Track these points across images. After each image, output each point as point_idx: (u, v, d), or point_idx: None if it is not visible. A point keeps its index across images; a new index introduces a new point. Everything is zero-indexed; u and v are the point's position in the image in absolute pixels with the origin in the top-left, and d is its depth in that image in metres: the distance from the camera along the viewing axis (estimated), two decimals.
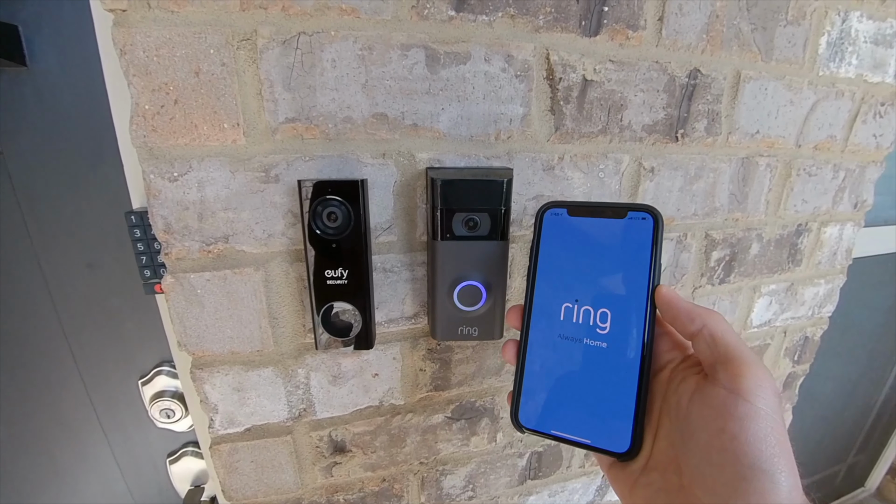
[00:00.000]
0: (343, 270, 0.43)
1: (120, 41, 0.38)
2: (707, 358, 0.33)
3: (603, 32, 0.49)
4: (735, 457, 0.27)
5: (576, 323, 0.38)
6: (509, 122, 0.48)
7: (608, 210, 0.38)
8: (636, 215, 0.37)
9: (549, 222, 0.40)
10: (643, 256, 0.36)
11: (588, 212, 0.39)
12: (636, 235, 0.37)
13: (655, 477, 0.33)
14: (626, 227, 0.37)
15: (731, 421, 0.28)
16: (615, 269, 0.37)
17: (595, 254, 0.38)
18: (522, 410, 0.40)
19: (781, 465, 0.27)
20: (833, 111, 0.68)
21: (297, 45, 0.41)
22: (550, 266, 0.40)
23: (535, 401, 0.39)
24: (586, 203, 0.39)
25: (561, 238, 0.39)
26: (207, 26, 0.39)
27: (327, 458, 0.57)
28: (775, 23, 0.58)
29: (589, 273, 0.38)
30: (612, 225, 0.38)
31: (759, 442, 0.27)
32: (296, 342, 0.50)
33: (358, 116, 0.44)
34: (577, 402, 0.38)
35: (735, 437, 0.28)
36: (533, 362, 0.40)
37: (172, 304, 0.46)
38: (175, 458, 0.88)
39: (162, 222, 0.43)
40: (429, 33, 0.43)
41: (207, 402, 0.50)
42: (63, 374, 0.79)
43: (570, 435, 0.38)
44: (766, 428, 0.28)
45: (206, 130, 0.41)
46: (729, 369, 0.30)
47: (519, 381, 0.40)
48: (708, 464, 0.29)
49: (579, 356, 0.38)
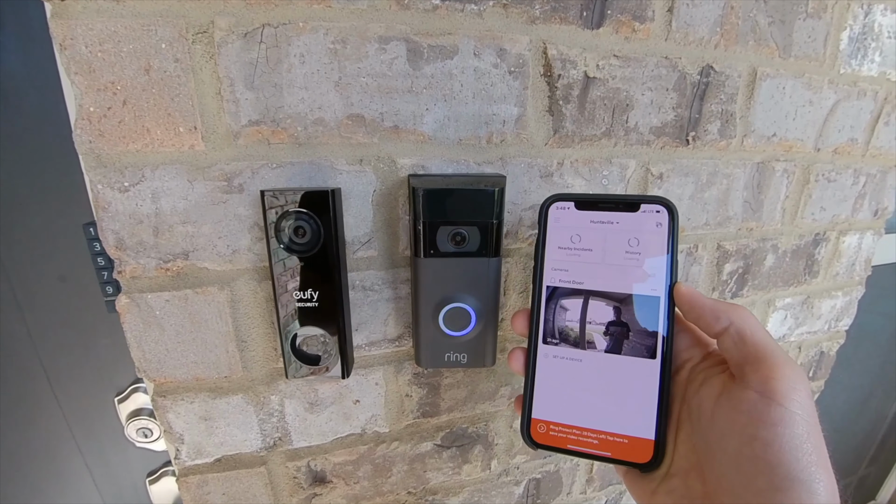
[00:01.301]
0: (313, 291, 0.38)
1: (59, 35, 0.34)
2: (735, 357, 0.30)
3: (606, 24, 0.44)
4: (769, 466, 0.25)
5: (589, 327, 0.35)
6: (502, 124, 0.44)
7: (619, 203, 0.35)
8: (649, 208, 0.34)
9: (555, 217, 0.36)
10: (659, 252, 0.34)
11: (597, 205, 0.35)
12: (650, 230, 0.34)
13: (677, 484, 0.31)
14: (639, 220, 0.34)
15: (764, 427, 0.26)
16: (629, 266, 0.34)
17: (607, 250, 0.35)
18: (533, 426, 0.36)
19: (819, 474, 0.25)
20: (854, 112, 0.63)
21: (260, 39, 0.36)
22: (558, 265, 0.36)
23: (547, 414, 0.36)
24: (595, 196, 0.37)
25: (568, 234, 0.36)
26: (158, 17, 0.34)
27: (306, 489, 0.52)
28: (794, 16, 0.53)
29: (601, 272, 0.35)
30: (623, 219, 0.35)
31: (794, 450, 0.25)
32: (267, 367, 0.46)
33: (331, 118, 0.39)
34: (594, 412, 0.35)
35: (769, 445, 0.26)
36: (543, 371, 0.36)
37: (129, 327, 0.41)
38: (155, 479, 0.84)
39: (113, 237, 0.38)
40: (410, 24, 0.38)
41: (172, 431, 0.46)
42: (36, 392, 0.75)
43: (588, 448, 0.35)
44: (802, 434, 0.26)
45: (159, 135, 0.37)
46: (760, 370, 0.28)
47: (529, 392, 0.36)
48: (737, 472, 0.27)
49: (594, 362, 0.35)
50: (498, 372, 0.54)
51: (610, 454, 0.34)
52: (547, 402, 0.36)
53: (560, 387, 0.36)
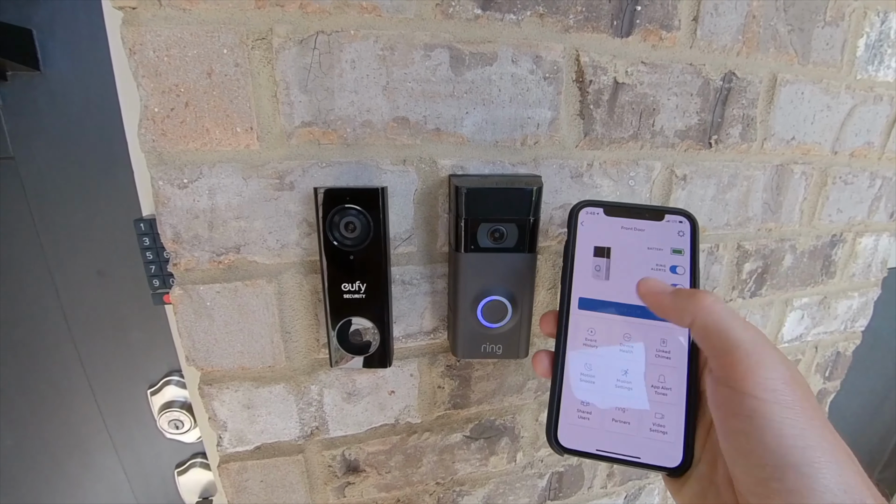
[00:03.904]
0: (361, 284, 0.40)
1: (129, 41, 0.36)
2: (706, 351, 0.29)
3: (635, 33, 0.46)
4: (758, 458, 0.25)
5: (616, 331, 0.36)
6: (536, 127, 0.46)
7: (645, 212, 0.36)
8: (673, 218, 0.36)
9: (585, 221, 0.38)
10: (684, 260, 0.35)
11: (625, 212, 0.37)
12: (674, 238, 0.36)
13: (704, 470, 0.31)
14: (664, 229, 0.36)
15: (740, 420, 0.26)
16: (655, 273, 0.36)
17: (634, 256, 0.36)
18: (561, 430, 0.36)
19: (816, 456, 0.23)
20: (871, 116, 0.64)
21: (314, 45, 0.38)
22: (587, 268, 0.37)
23: (575, 418, 0.36)
24: (622, 203, 0.38)
25: (597, 239, 0.37)
26: (221, 25, 0.37)
27: (340, 478, 0.54)
28: (813, 24, 0.55)
29: (628, 276, 0.36)
30: (649, 227, 0.36)
31: (776, 437, 0.24)
32: (309, 358, 0.48)
33: (378, 120, 0.41)
34: (622, 417, 0.35)
35: (751, 437, 0.25)
36: (571, 375, 0.36)
37: (181, 317, 0.44)
38: (183, 470, 0.86)
39: (171, 231, 0.41)
40: (453, 33, 0.41)
41: (216, 419, 0.48)
42: (72, 382, 0.78)
43: (617, 453, 0.34)
44: (781, 419, 0.24)
45: (217, 135, 0.39)
46: (725, 363, 0.27)
47: (557, 396, 0.36)
48: (737, 468, 0.26)
49: (621, 366, 0.35)
50: (526, 366, 0.55)
51: (639, 458, 0.34)
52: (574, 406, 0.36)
53: (587, 391, 0.36)
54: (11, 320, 0.72)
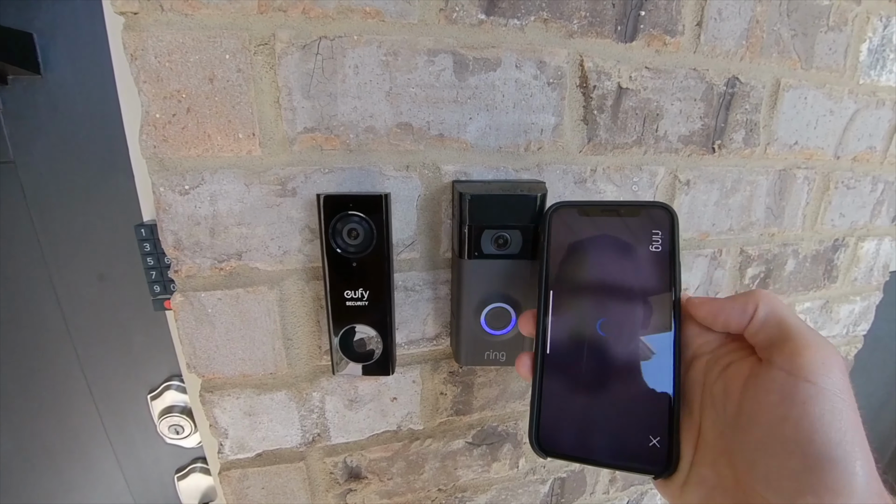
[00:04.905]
0: (364, 291, 0.40)
1: (130, 46, 0.36)
2: (762, 341, 0.29)
3: (639, 38, 0.46)
4: (800, 446, 0.24)
5: (596, 331, 0.35)
6: (540, 133, 0.45)
7: (621, 209, 0.35)
8: (649, 214, 0.34)
9: (559, 222, 0.36)
10: (663, 256, 0.34)
11: (600, 211, 0.36)
12: (653, 234, 0.34)
13: (707, 473, 0.30)
14: (641, 225, 0.35)
15: (793, 406, 0.25)
16: (634, 270, 0.34)
17: (611, 256, 0.35)
18: (543, 432, 0.35)
19: (856, 452, 0.23)
20: (873, 121, 0.64)
21: (317, 51, 0.38)
22: (563, 269, 0.36)
23: (557, 420, 0.35)
24: (597, 202, 0.37)
25: (572, 239, 0.36)
26: (223, 30, 0.36)
27: (342, 484, 0.54)
28: (816, 29, 0.55)
29: (606, 276, 0.35)
30: (626, 224, 0.35)
31: (826, 427, 0.24)
32: (311, 364, 0.47)
33: (381, 126, 0.41)
34: (604, 419, 0.34)
35: (799, 424, 0.25)
36: (551, 377, 0.35)
37: (181, 324, 0.43)
38: (183, 475, 0.86)
39: (172, 238, 0.40)
40: (457, 38, 0.41)
41: (217, 426, 0.48)
42: (72, 387, 0.77)
43: (599, 457, 0.34)
44: (834, 410, 0.24)
45: (219, 140, 0.39)
46: (786, 349, 0.27)
47: (537, 399, 0.35)
48: (769, 455, 0.26)
49: (602, 367, 0.34)
50: None
51: (620, 463, 0.33)
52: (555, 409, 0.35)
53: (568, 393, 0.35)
54: (12, 324, 0.72)
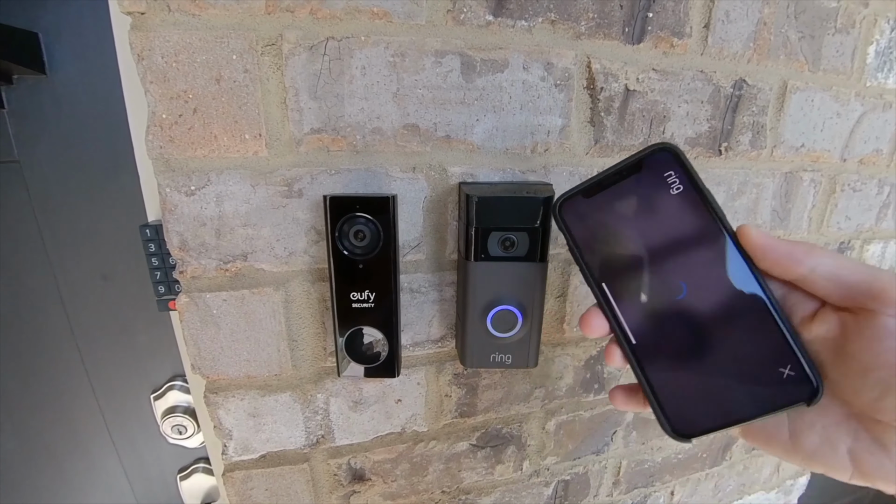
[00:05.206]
0: (370, 293, 0.40)
1: (137, 46, 0.36)
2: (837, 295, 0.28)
3: (647, 40, 0.46)
4: None
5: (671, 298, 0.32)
6: (547, 134, 0.45)
7: (621, 170, 0.32)
8: (651, 161, 0.31)
9: (571, 216, 0.34)
10: (688, 192, 0.31)
11: (602, 184, 0.33)
12: (666, 177, 0.31)
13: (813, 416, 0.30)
14: (650, 175, 0.31)
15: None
16: (670, 221, 0.31)
17: (640, 220, 0.32)
18: (673, 420, 0.32)
19: None
20: (880, 124, 0.64)
21: (324, 51, 0.38)
22: (601, 258, 0.33)
23: (680, 402, 0.32)
24: (594, 177, 0.33)
25: (593, 225, 0.34)
26: (230, 31, 0.36)
27: (345, 486, 0.54)
28: (823, 31, 0.55)
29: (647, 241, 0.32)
30: (635, 182, 0.32)
31: None
32: (316, 366, 0.47)
33: (388, 127, 0.41)
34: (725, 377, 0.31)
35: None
36: (651, 364, 0.33)
37: (186, 325, 0.43)
38: (186, 475, 0.86)
39: (177, 239, 0.40)
40: (465, 39, 0.40)
41: (221, 427, 0.47)
42: (75, 386, 0.77)
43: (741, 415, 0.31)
44: None
45: (226, 141, 0.39)
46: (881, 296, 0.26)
47: (650, 391, 0.33)
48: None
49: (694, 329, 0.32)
50: (533, 374, 0.55)
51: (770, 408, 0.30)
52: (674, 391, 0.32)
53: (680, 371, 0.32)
54: (15, 323, 0.72)
